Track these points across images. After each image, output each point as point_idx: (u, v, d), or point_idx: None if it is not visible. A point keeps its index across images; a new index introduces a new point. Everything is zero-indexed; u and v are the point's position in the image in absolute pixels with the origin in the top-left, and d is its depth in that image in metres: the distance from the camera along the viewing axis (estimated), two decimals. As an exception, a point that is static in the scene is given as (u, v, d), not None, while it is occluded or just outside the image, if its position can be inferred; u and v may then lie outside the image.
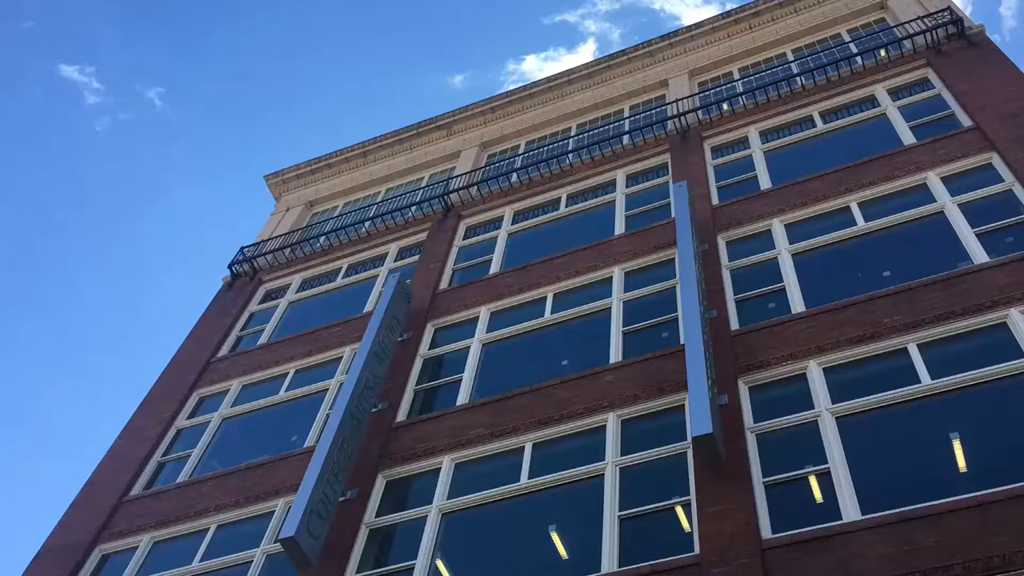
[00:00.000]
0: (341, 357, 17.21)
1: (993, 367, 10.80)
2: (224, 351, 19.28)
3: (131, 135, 66.79)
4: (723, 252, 15.11)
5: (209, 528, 14.34)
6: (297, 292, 20.64)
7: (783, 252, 14.50)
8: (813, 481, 10.56)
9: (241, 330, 20.01)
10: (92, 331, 64.29)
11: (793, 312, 13.12)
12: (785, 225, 15.18)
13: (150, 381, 20.05)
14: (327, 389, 16.47)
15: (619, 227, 17.35)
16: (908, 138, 15.93)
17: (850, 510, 9.92)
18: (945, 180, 14.45)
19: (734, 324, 13.43)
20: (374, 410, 14.85)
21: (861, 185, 15.06)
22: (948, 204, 13.81)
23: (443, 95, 70.64)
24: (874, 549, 9.26)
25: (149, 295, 66.04)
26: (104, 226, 65.21)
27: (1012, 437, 10.06)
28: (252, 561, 13.26)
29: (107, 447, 17.09)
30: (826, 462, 10.60)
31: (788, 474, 10.74)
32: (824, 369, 12.00)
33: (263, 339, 19.19)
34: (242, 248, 22.34)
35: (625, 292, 15.35)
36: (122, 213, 65.86)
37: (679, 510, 11.04)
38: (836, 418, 11.17)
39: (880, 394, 11.17)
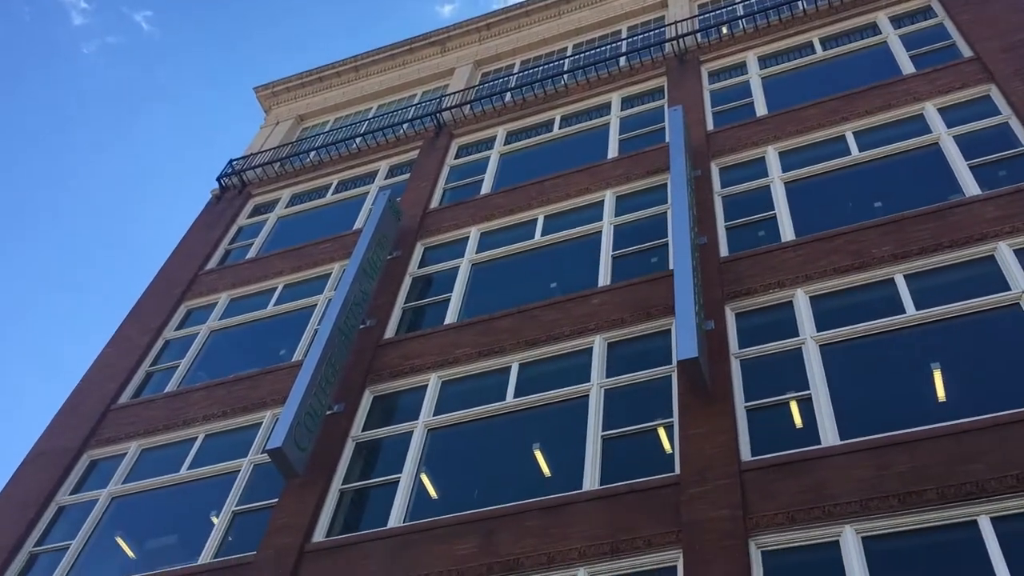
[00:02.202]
0: (330, 273, 17.21)
1: (977, 300, 10.90)
2: (212, 264, 19.25)
3: (118, 57, 65.48)
4: (716, 178, 15.05)
5: (197, 437, 14.52)
6: (286, 207, 20.51)
7: (775, 180, 14.45)
8: (794, 406, 10.73)
9: (230, 243, 19.94)
10: (81, 246, 64.01)
11: (783, 240, 13.14)
12: (779, 153, 15.09)
13: (139, 294, 20.01)
14: (315, 305, 16.51)
15: (612, 150, 17.22)
16: (907, 67, 15.75)
17: (829, 435, 10.11)
18: (942, 111, 14.35)
19: (723, 251, 13.46)
20: (362, 326, 14.92)
21: (857, 114, 14.93)
22: (944, 136, 13.73)
23: (434, 23, 69.36)
24: (850, 473, 9.47)
25: (138, 211, 65.62)
26: (91, 145, 64.39)
27: (990, 368, 10.22)
28: (239, 471, 13.46)
29: (95, 358, 17.18)
30: (808, 388, 10.75)
31: (770, 399, 10.90)
32: (811, 297, 12.07)
33: (252, 253, 19.15)
34: (231, 161, 22.11)
35: (616, 216, 15.31)
36: (110, 131, 64.97)
37: (661, 432, 11.22)
38: (820, 346, 11.29)
39: (864, 323, 11.27)
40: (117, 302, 67.71)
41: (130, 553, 13.23)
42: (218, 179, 21.80)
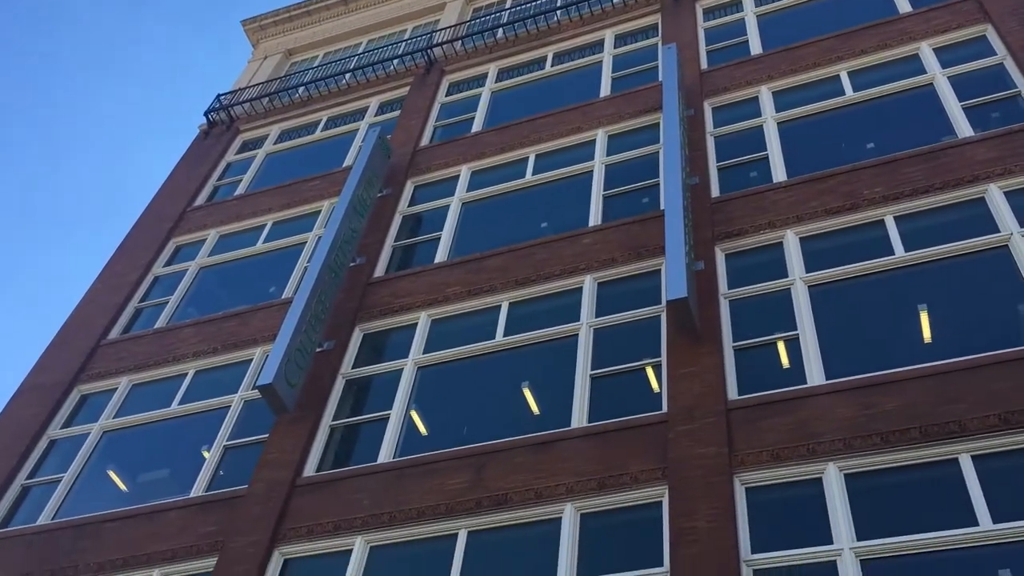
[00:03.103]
0: (319, 211, 17.12)
1: (966, 241, 10.94)
2: (201, 200, 19.12)
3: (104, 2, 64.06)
4: (708, 118, 14.94)
5: (187, 373, 14.57)
6: (275, 143, 20.31)
7: (769, 120, 14.35)
8: (781, 347, 10.82)
9: (218, 180, 19.78)
10: (70, 185, 63.39)
11: (775, 181, 13.11)
12: (773, 93, 14.97)
13: (127, 229, 19.87)
14: (305, 242, 16.46)
15: (605, 89, 17.05)
16: (904, 6, 15.56)
17: (815, 375, 10.21)
18: (937, 51, 14.22)
19: (715, 191, 13.43)
20: (352, 264, 14.89)
21: (852, 54, 14.79)
22: (938, 76, 13.63)
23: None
24: (835, 412, 9.60)
25: (127, 149, 64.87)
26: (80, 85, 63.30)
27: (976, 310, 10.30)
28: (230, 406, 13.55)
29: (84, 294, 17.15)
30: (795, 329, 10.83)
31: (758, 339, 10.98)
32: (801, 239, 12.09)
33: (240, 190, 19.01)
34: (219, 96, 21.81)
35: (608, 155, 15.22)
36: (98, 71, 63.83)
37: (649, 371, 11.31)
38: (809, 287, 11.34)
39: (853, 264, 11.32)
40: (106, 239, 67.39)
41: (122, 486, 13.37)
42: (206, 114, 21.54)
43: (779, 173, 13.24)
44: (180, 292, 16.59)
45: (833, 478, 9.13)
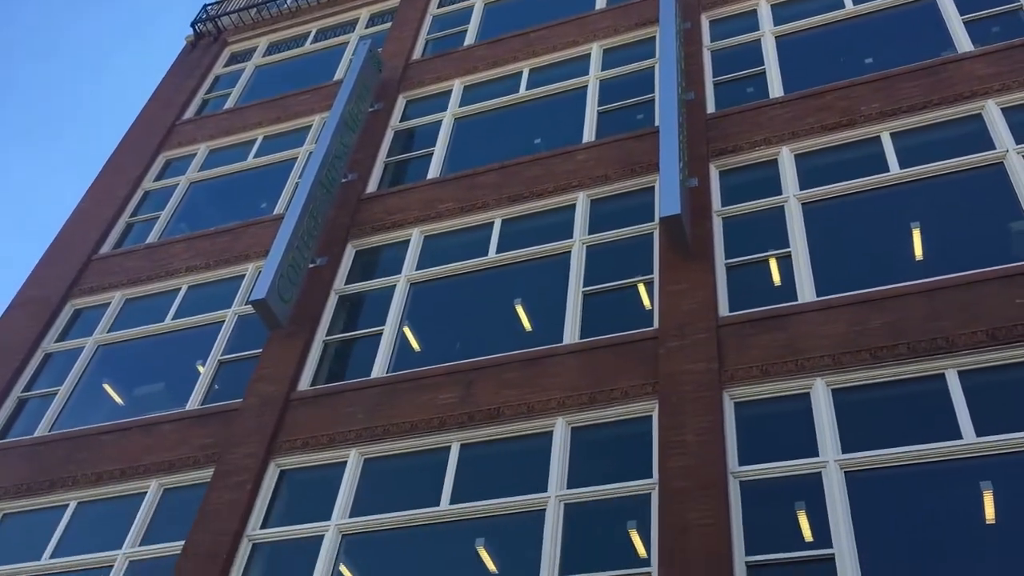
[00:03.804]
0: (310, 126, 16.90)
1: (961, 159, 10.89)
2: (189, 114, 18.85)
3: None
4: (706, 32, 14.67)
5: (180, 288, 14.59)
6: (264, 56, 19.93)
7: (767, 34, 14.11)
8: (773, 264, 10.85)
9: (206, 93, 19.46)
10: (53, 96, 62.30)
11: (771, 97, 12.95)
12: (772, 5, 14.67)
13: (116, 143, 19.65)
14: (296, 158, 16.29)
15: (600, 0, 16.69)
16: (909, -83, 15.15)
17: (806, 292, 10.27)
18: (940, -37, 13.90)
19: (710, 107, 13.27)
20: (344, 180, 14.78)
21: (854, -34, 14.45)
22: (940, -12, 13.36)
23: None
24: (825, 328, 9.68)
25: (113, 59, 63.60)
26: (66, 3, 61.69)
27: (968, 228, 10.31)
28: (224, 321, 13.60)
29: (74, 208, 17.05)
30: (788, 246, 10.85)
31: (750, 257, 11.00)
32: (796, 155, 12.02)
33: (229, 103, 18.72)
34: (205, 6, 21.32)
35: (602, 70, 14.99)
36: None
37: (641, 288, 11.35)
38: (802, 204, 11.32)
39: (847, 182, 11.28)
40: (95, 154, 66.64)
41: (118, 399, 13.51)
42: (192, 25, 21.09)
43: (776, 88, 13.08)
44: (171, 207, 16.48)
45: (821, 393, 9.27)
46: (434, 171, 14.55)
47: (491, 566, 9.51)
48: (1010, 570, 7.61)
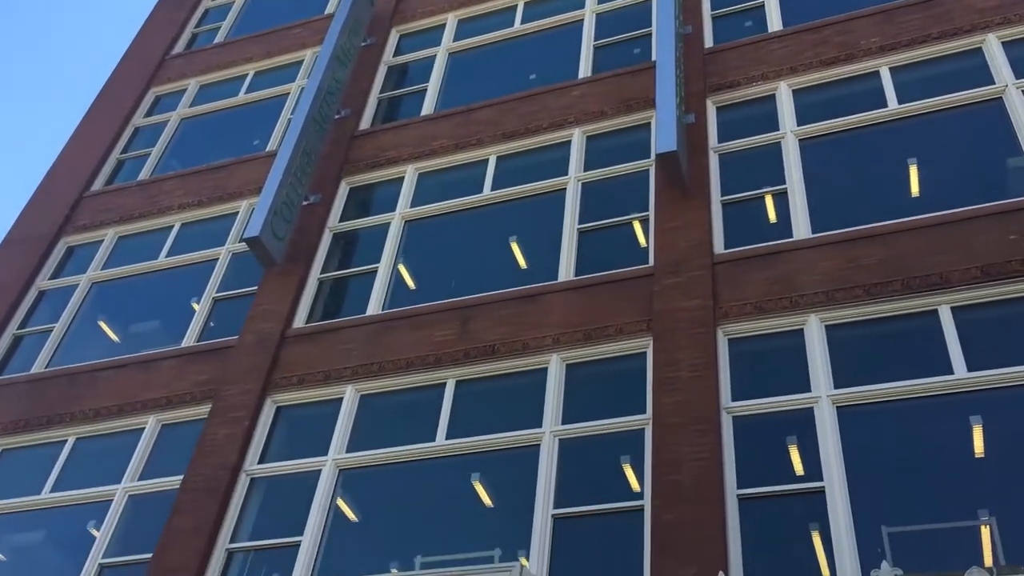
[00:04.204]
0: (302, 60, 16.65)
1: (960, 93, 10.80)
2: (179, 48, 18.55)
3: None
4: (704, -36, 14.38)
5: (173, 226, 14.52)
6: (254, -12, 19.53)
7: (767, -34, 13.83)
8: (769, 201, 10.82)
9: (196, 26, 19.12)
10: (37, 32, 61.23)
11: (770, 31, 12.77)
12: (772, -64, 14.36)
13: (103, 81, 19.33)
14: (288, 93, 16.09)
15: (597, -67, 16.32)
16: None
17: (801, 229, 10.26)
18: None
19: (708, 42, 13.09)
20: (337, 116, 14.63)
21: None
22: (942, -82, 13.09)
23: None
24: (819, 265, 9.69)
25: (96, -10, 62.37)
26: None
27: (966, 163, 10.28)
28: (218, 259, 13.57)
29: (64, 145, 16.88)
30: (784, 183, 10.80)
31: (746, 193, 10.96)
32: (794, 91, 11.89)
33: (219, 37, 18.41)
34: (193, -63, 20.79)
35: (598, 3, 14.74)
36: None
37: (637, 225, 11.32)
38: (799, 140, 11.24)
39: (845, 117, 11.19)
40: (84, 90, 65.78)
41: (114, 337, 13.54)
42: (180, -43, 20.60)
43: (775, 22, 12.89)
44: (162, 144, 16.32)
45: (814, 329, 9.31)
46: (428, 107, 14.40)
47: (487, 500, 9.64)
48: (998, 504, 7.72)
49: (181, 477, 10.63)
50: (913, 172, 10.37)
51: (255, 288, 12.63)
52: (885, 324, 9.20)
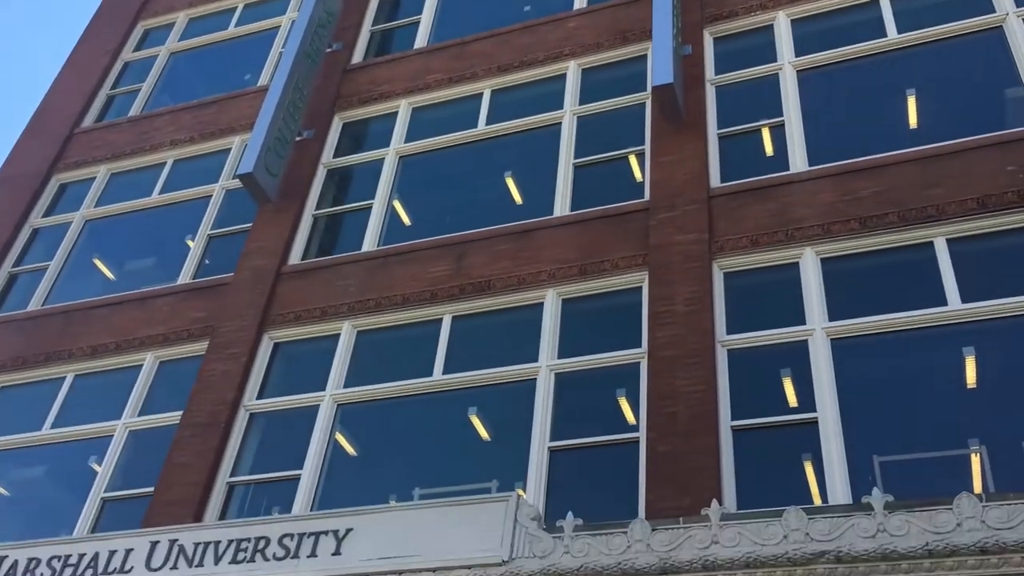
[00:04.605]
0: (293, -9, 16.34)
1: (960, 22, 10.64)
2: (168, -21, 18.18)
3: None
4: None
5: (166, 162, 14.40)
6: (242, -82, 19.06)
7: None
8: (766, 133, 10.74)
9: (184, -43, 18.71)
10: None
11: (769, -41, 12.52)
12: None
13: (91, 12, 18.97)
14: (279, 26, 15.81)
15: None
16: None
17: (798, 161, 10.20)
18: None
19: (705, -29, 12.84)
20: (329, 50, 14.41)
21: None
22: None
23: None
24: (816, 198, 9.66)
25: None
26: None
27: (963, 94, 10.19)
28: (212, 196, 13.49)
29: (53, 81, 16.64)
30: (781, 115, 10.70)
31: (743, 126, 10.87)
32: (792, 20, 11.70)
33: (208, -32, 18.02)
34: None
35: (594, -68, 14.41)
36: None
37: (632, 159, 11.25)
38: (797, 71, 11.11)
39: (844, 48, 11.04)
40: (73, 24, 64.63)
41: (109, 274, 13.52)
42: None
43: (774, -50, 12.62)
44: (152, 79, 16.09)
45: (810, 262, 9.32)
46: (421, 40, 14.18)
47: (484, 434, 9.75)
48: (989, 433, 7.82)
49: (180, 413, 10.71)
50: (911, 103, 10.28)
51: (249, 225, 12.58)
52: (880, 256, 9.20)
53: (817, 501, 7.83)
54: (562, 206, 11.04)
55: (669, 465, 8.21)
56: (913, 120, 10.21)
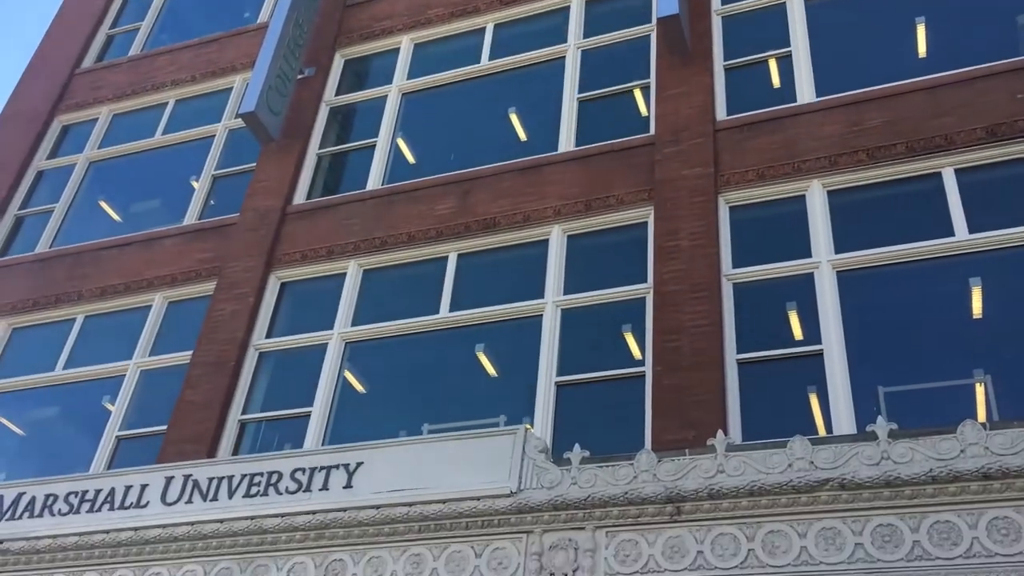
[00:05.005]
0: (290, -74, 16.01)
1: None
2: (161, -84, 17.84)
3: None
4: None
5: (167, 103, 14.30)
6: None
7: None
8: (773, 65, 10.60)
9: None
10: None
11: None
12: None
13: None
14: (278, -39, 15.53)
15: None
16: None
17: (805, 93, 10.08)
18: None
19: (711, -102, 12.53)
20: (328, -15, 14.19)
21: None
22: None
23: None
24: (823, 129, 9.56)
25: None
26: None
27: (973, 21, 10.02)
28: (214, 136, 13.42)
29: (51, 21, 16.45)
30: (788, 45, 10.55)
31: (749, 58, 10.73)
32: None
33: (202, -97, 17.67)
34: None
35: None
36: None
37: (638, 93, 11.14)
38: (805, 0, 10.92)
39: (853, -22, 10.85)
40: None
41: (115, 216, 13.53)
42: None
43: None
44: (151, 17, 15.88)
45: (816, 195, 9.27)
46: (422, -28, 13.94)
47: (491, 371, 9.83)
48: (994, 362, 7.86)
49: (191, 352, 10.80)
50: (920, 32, 10.11)
51: (253, 165, 12.53)
52: (887, 188, 9.15)
53: (822, 431, 7.91)
54: (567, 141, 10.97)
55: (675, 399, 8.28)
56: (922, 49, 10.05)
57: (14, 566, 7.97)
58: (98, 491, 8.16)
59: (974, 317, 8.24)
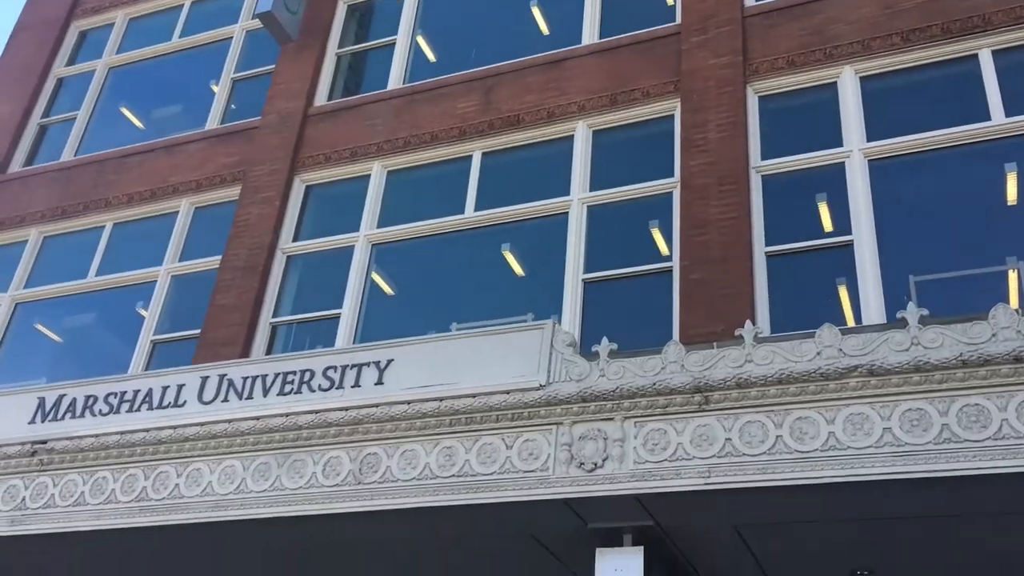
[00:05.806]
0: None
1: None
2: None
3: None
4: None
5: (183, 4, 14.05)
6: None
7: None
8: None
9: None
10: None
11: None
12: None
13: None
14: None
15: None
16: None
17: (839, -19, 9.72)
18: None
19: None
20: None
21: None
22: None
23: None
24: (855, 12, 9.24)
25: None
26: None
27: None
28: (232, 37, 13.23)
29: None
30: (821, -74, 10.11)
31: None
32: None
33: None
34: None
35: None
36: None
37: (663, -18, 10.80)
38: None
39: None
40: None
41: (137, 122, 13.48)
42: None
43: None
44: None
45: (848, 82, 9.03)
46: None
47: (518, 269, 9.83)
48: (1026, 250, 7.75)
49: (220, 257, 10.88)
50: None
51: (273, 67, 12.38)
52: (922, 72, 8.88)
53: (851, 322, 7.88)
54: (590, 34, 10.72)
55: (702, 293, 8.26)
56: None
57: (59, 464, 8.22)
58: (136, 391, 8.33)
59: (1008, 204, 8.07)
